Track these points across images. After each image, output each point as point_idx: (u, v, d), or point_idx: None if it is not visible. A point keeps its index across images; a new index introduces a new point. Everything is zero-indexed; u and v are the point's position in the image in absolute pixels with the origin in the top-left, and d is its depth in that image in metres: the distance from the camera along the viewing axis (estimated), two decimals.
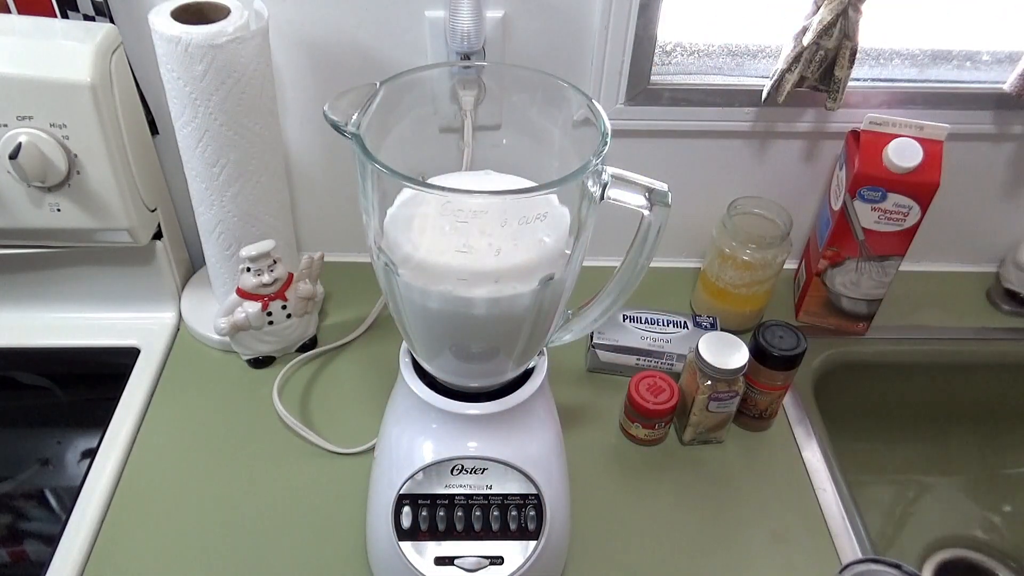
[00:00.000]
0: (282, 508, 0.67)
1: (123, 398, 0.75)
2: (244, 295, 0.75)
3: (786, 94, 0.75)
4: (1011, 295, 0.91)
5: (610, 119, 0.49)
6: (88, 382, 0.82)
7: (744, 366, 0.68)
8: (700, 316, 0.81)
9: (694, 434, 0.73)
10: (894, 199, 0.75)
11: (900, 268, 0.81)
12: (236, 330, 0.75)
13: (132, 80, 0.73)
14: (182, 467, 0.70)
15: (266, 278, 0.73)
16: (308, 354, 0.81)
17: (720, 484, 0.71)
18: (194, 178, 0.72)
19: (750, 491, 0.71)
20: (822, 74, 0.74)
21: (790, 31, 0.73)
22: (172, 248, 0.82)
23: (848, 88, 0.75)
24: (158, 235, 0.79)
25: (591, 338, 0.79)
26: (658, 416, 0.71)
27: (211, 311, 0.78)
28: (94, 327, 0.82)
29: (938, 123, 0.74)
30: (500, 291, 0.48)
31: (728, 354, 0.69)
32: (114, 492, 0.68)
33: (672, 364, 0.78)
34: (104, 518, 0.66)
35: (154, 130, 0.79)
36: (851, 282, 0.83)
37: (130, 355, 0.79)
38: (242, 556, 0.64)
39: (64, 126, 0.66)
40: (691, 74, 0.81)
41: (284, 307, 0.76)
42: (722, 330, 0.74)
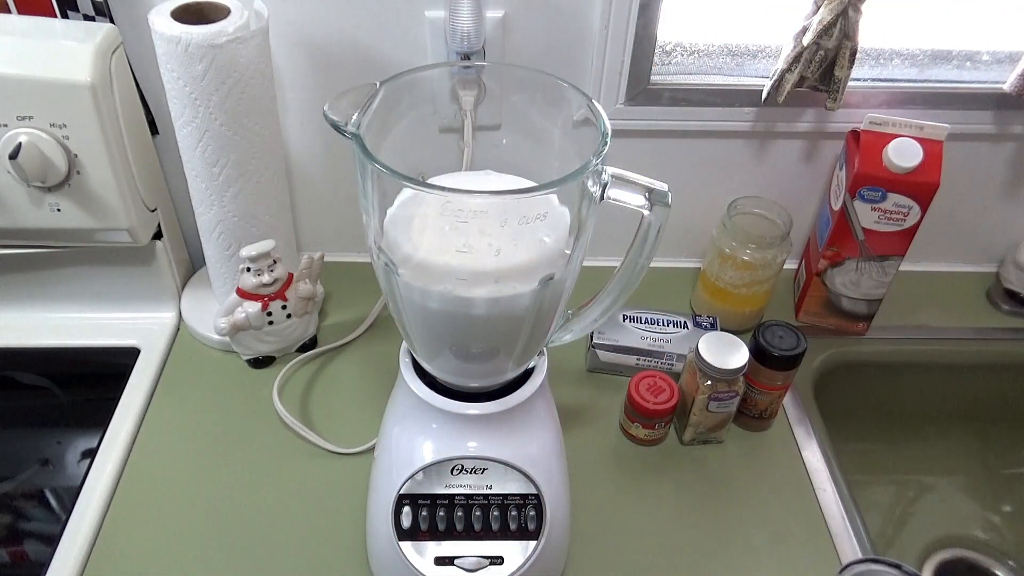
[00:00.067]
0: (282, 508, 0.67)
1: (123, 398, 0.75)
2: (244, 295, 0.75)
3: (786, 94, 0.75)
4: (1011, 295, 0.91)
5: (610, 119, 0.49)
6: (88, 382, 0.82)
7: (744, 366, 0.68)
8: (700, 316, 0.81)
9: (694, 434, 0.73)
10: (894, 199, 0.75)
11: (900, 268, 0.81)
12: (236, 330, 0.75)
13: (132, 80, 0.73)
14: (182, 467, 0.70)
15: (266, 278, 0.73)
16: (308, 354, 0.81)
17: (720, 484, 0.71)
18: (194, 178, 0.72)
19: (750, 491, 0.71)
20: (822, 74, 0.74)
21: (790, 31, 0.73)
22: (172, 248, 0.82)
23: (848, 88, 0.75)
24: (158, 235, 0.79)
25: (591, 338, 0.79)
26: (658, 416, 0.71)
27: (211, 311, 0.78)
28: (94, 327, 0.82)
29: (938, 123, 0.74)
30: (500, 291, 0.48)
31: (728, 354, 0.69)
32: (114, 492, 0.68)
33: (672, 364, 0.78)
34: (104, 518, 0.66)
35: (154, 130, 0.79)
36: (851, 282, 0.83)
37: (130, 355, 0.79)
38: (242, 556, 0.64)
39: (64, 126, 0.66)
40: (691, 74, 0.81)
41: (284, 307, 0.76)
42: (722, 330, 0.74)
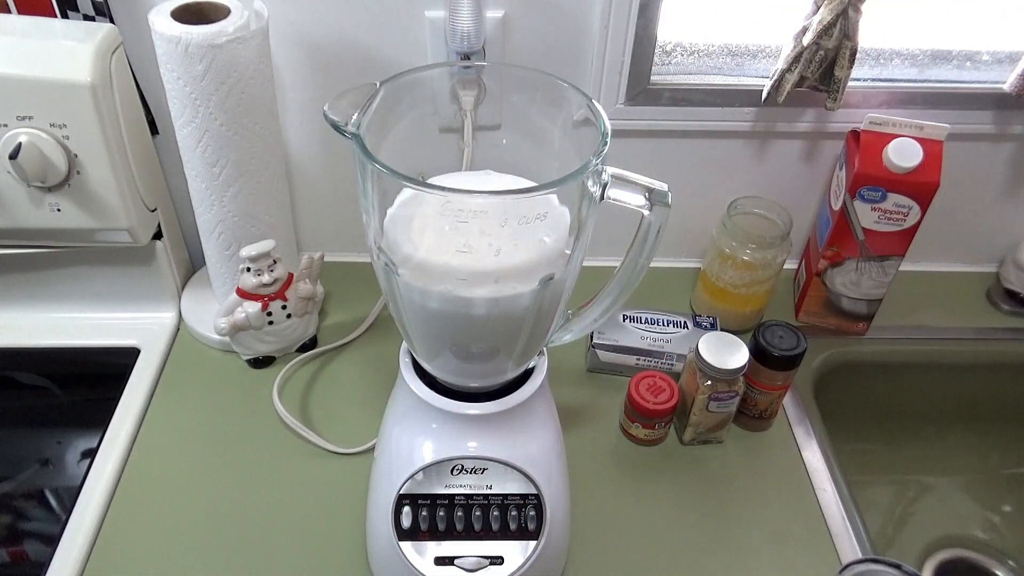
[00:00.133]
0: (282, 508, 0.67)
1: (123, 398, 0.75)
2: (244, 295, 0.75)
3: (786, 94, 0.75)
4: (1011, 295, 0.91)
5: (610, 119, 0.49)
6: (88, 382, 0.82)
7: (744, 366, 0.68)
8: (700, 316, 0.81)
9: (694, 434, 0.73)
10: (894, 199, 0.75)
11: (900, 268, 0.81)
12: (236, 330, 0.75)
13: (132, 80, 0.73)
14: (182, 467, 0.70)
15: (266, 278, 0.73)
16: (308, 354, 0.81)
17: (720, 484, 0.71)
18: (194, 178, 0.72)
19: (750, 491, 0.71)
20: (822, 74, 0.74)
21: (790, 31, 0.73)
22: (172, 248, 0.82)
23: (848, 88, 0.75)
24: (158, 235, 0.79)
25: (591, 338, 0.79)
26: (658, 416, 0.71)
27: (211, 311, 0.78)
28: (94, 327, 0.82)
29: (938, 123, 0.74)
30: (500, 291, 0.48)
31: (728, 354, 0.69)
32: (114, 492, 0.68)
33: (672, 364, 0.78)
34: (104, 518, 0.66)
35: (154, 130, 0.79)
36: (851, 282, 0.83)
37: (130, 355, 0.79)
38: (242, 556, 0.64)
39: (64, 126, 0.66)
40: (691, 74, 0.81)
41: (284, 307, 0.76)
42: (722, 330, 0.74)
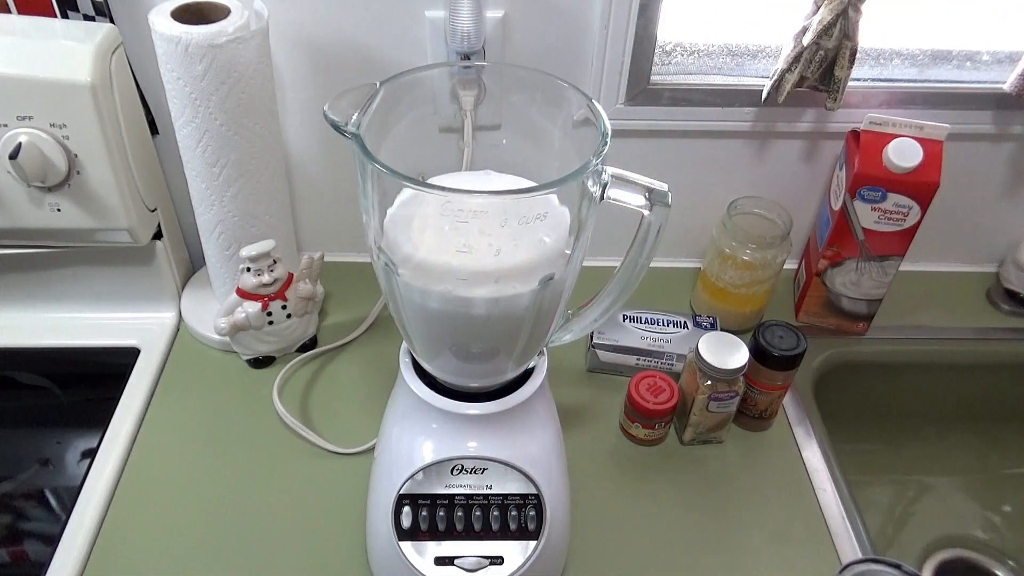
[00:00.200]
0: (282, 508, 0.67)
1: (123, 398, 0.75)
2: (244, 295, 0.75)
3: (786, 94, 0.75)
4: (1011, 295, 0.91)
5: (610, 119, 0.49)
6: (88, 382, 0.82)
7: (744, 366, 0.68)
8: (700, 316, 0.81)
9: (694, 434, 0.73)
10: (894, 199, 0.75)
11: (900, 268, 0.81)
12: (236, 330, 0.75)
13: (132, 80, 0.73)
14: (182, 467, 0.70)
15: (266, 278, 0.73)
16: (308, 354, 0.81)
17: (720, 484, 0.71)
18: (194, 178, 0.72)
19: (750, 491, 0.71)
20: (822, 74, 0.74)
21: (790, 31, 0.73)
22: (172, 248, 0.82)
23: (848, 88, 0.75)
24: (158, 235, 0.79)
25: (591, 338, 0.79)
26: (658, 416, 0.71)
27: (211, 311, 0.78)
28: (94, 327, 0.82)
29: (938, 123, 0.74)
30: (500, 291, 0.48)
31: (728, 354, 0.69)
32: (114, 492, 0.68)
33: (672, 364, 0.78)
34: (104, 518, 0.66)
35: (154, 130, 0.79)
36: (851, 282, 0.83)
37: (130, 355, 0.79)
38: (242, 556, 0.64)
39: (64, 126, 0.66)
40: (691, 74, 0.81)
41: (284, 307, 0.76)
42: (722, 330, 0.74)
